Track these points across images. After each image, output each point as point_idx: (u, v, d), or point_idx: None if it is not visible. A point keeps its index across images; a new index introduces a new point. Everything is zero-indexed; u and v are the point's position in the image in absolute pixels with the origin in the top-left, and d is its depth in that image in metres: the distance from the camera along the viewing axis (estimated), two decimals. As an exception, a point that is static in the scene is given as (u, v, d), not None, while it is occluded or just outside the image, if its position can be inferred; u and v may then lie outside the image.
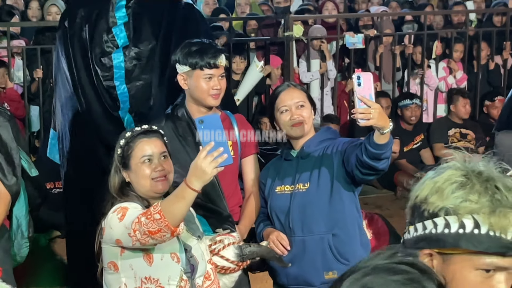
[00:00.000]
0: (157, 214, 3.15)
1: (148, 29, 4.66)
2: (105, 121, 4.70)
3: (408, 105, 7.90)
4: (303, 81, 7.98)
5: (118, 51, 4.64)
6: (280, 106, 3.91)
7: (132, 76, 4.63)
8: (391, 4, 9.41)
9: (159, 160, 3.49)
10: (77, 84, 4.72)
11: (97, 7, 4.72)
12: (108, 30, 4.65)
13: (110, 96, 4.66)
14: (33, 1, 8.49)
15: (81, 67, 4.69)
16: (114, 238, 3.34)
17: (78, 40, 4.70)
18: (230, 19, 8.27)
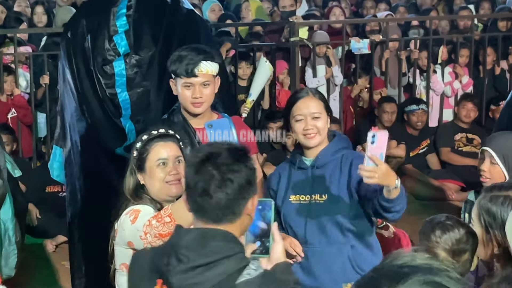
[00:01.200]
0: (167, 217, 3.18)
1: (148, 36, 4.70)
2: (107, 128, 4.75)
3: (414, 111, 7.90)
4: (310, 87, 7.98)
5: (120, 59, 4.69)
6: (296, 113, 3.84)
7: (134, 83, 4.68)
8: (398, 9, 9.41)
9: (174, 164, 3.52)
10: (80, 92, 4.76)
11: (99, 17, 4.77)
12: (110, 39, 4.70)
13: (113, 103, 4.70)
14: (38, 6, 8.51)
15: (84, 76, 4.75)
16: (126, 240, 3.37)
17: (80, 49, 4.76)
18: (235, 25, 8.28)
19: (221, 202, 2.41)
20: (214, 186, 2.40)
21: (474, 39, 8.58)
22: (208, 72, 4.08)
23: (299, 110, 3.84)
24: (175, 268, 2.38)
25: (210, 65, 4.09)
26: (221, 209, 2.42)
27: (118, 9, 4.72)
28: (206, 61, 4.07)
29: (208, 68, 4.08)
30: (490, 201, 2.94)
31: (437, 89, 8.46)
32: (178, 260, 2.38)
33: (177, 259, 2.39)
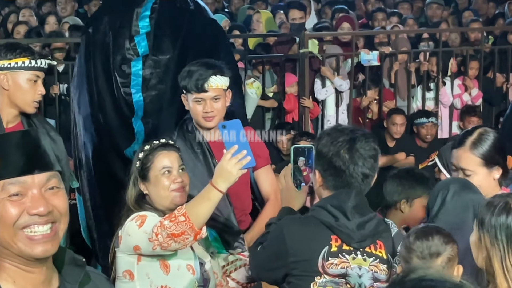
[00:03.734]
0: (181, 216, 3.20)
1: (168, 40, 4.74)
2: (118, 127, 4.79)
3: (424, 123, 7.88)
4: (319, 98, 7.98)
5: (138, 59, 4.73)
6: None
7: (149, 85, 4.72)
8: (408, 21, 9.41)
9: (178, 172, 3.56)
10: (95, 89, 4.79)
11: (122, 16, 4.81)
12: (131, 38, 4.75)
13: (126, 103, 4.75)
14: (50, 16, 8.55)
15: (101, 72, 4.79)
16: (132, 245, 3.37)
17: (101, 45, 4.80)
18: (245, 36, 8.30)
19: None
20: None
21: (484, 51, 8.58)
22: (218, 87, 4.11)
23: None
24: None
25: (220, 79, 4.11)
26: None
27: (142, 10, 4.77)
28: (216, 76, 4.10)
29: (218, 82, 4.10)
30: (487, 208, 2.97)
31: (444, 102, 8.45)
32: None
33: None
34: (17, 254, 2.03)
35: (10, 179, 2.01)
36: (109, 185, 4.76)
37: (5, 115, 4.16)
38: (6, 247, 2.02)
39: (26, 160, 2.03)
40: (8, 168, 2.02)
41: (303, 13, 8.55)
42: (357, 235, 2.99)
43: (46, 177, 2.05)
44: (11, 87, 4.12)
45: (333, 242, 2.99)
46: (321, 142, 3.08)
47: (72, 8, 9.37)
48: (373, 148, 3.07)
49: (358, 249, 3.01)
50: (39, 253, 2.03)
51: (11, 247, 2.02)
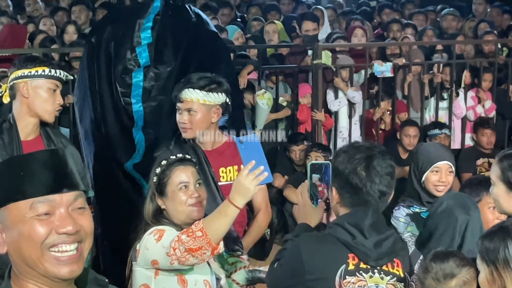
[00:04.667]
0: (199, 231, 3.21)
1: (169, 52, 4.79)
2: (119, 138, 4.80)
3: (437, 135, 7.87)
4: (332, 109, 7.98)
5: (139, 70, 4.77)
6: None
7: (149, 96, 4.77)
8: (426, 32, 9.40)
9: (195, 187, 3.58)
10: (98, 98, 4.82)
11: (124, 25, 4.86)
12: (132, 49, 4.79)
13: (126, 113, 4.79)
14: (69, 25, 8.58)
15: (103, 81, 4.84)
16: (150, 259, 3.38)
17: (104, 55, 4.84)
18: (258, 47, 8.31)
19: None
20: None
21: (498, 63, 8.56)
22: (192, 100, 4.19)
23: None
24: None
25: (197, 93, 4.19)
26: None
27: (145, 21, 4.81)
28: (192, 89, 4.19)
29: (193, 96, 4.19)
30: (488, 240, 2.96)
31: (458, 113, 8.44)
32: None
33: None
34: (42, 274, 2.03)
35: (39, 197, 2.01)
36: (108, 195, 4.80)
37: (25, 125, 4.18)
38: (32, 267, 2.02)
39: (55, 178, 2.04)
40: (37, 186, 2.02)
41: (316, 24, 8.57)
42: (374, 254, 2.99)
43: (73, 196, 2.06)
44: (30, 95, 4.15)
45: (350, 261, 2.99)
46: (337, 160, 3.09)
47: (86, 16, 9.41)
48: (390, 165, 3.07)
49: (375, 267, 3.01)
50: (65, 274, 2.03)
51: (37, 267, 2.02)
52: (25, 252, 2.01)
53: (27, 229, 2.01)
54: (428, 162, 4.34)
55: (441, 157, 4.35)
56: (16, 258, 2.03)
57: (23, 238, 2.01)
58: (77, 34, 8.48)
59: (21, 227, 2.01)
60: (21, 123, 4.18)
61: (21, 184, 2.02)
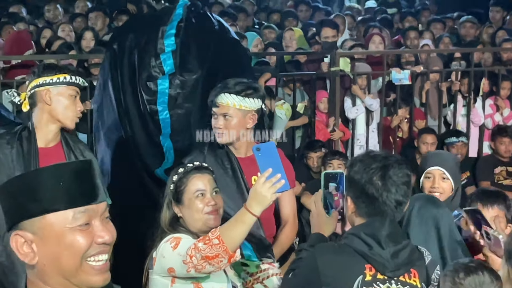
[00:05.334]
0: (216, 239, 3.21)
1: (194, 60, 4.77)
2: (145, 145, 4.81)
3: (454, 143, 7.83)
4: (350, 117, 7.97)
5: (164, 77, 4.75)
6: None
7: (176, 103, 4.74)
8: (443, 39, 9.37)
9: (212, 195, 3.59)
10: (123, 105, 4.80)
11: (147, 33, 4.84)
12: (156, 56, 4.77)
13: (153, 120, 4.76)
14: (87, 31, 8.61)
15: (128, 89, 4.82)
16: (166, 267, 3.38)
17: (127, 62, 4.82)
18: (277, 54, 8.30)
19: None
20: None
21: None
22: (228, 105, 4.17)
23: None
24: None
25: (233, 98, 4.18)
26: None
27: (168, 28, 4.80)
28: (228, 94, 4.18)
29: (229, 100, 4.18)
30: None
31: (476, 121, 8.40)
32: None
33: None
34: (75, 284, 2.03)
35: (80, 207, 2.02)
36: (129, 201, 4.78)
37: (46, 133, 4.20)
38: (67, 277, 2.03)
39: (91, 188, 2.05)
40: (76, 196, 2.02)
41: (335, 31, 8.55)
42: (391, 264, 2.98)
43: (105, 206, 2.08)
44: (53, 102, 4.17)
45: (367, 271, 2.99)
46: (353, 169, 3.07)
47: (103, 23, 9.44)
48: (406, 175, 3.06)
49: (392, 278, 3.00)
50: (100, 283, 2.05)
51: (73, 278, 2.03)
52: (65, 262, 2.01)
53: (69, 240, 2.01)
54: (422, 168, 4.37)
55: (433, 163, 4.35)
56: (51, 269, 2.02)
57: (64, 248, 2.01)
58: (94, 40, 8.50)
59: (61, 237, 2.00)
60: (42, 131, 4.20)
61: (61, 194, 2.01)
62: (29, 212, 2.00)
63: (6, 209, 2.03)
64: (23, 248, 2.01)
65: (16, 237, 2.01)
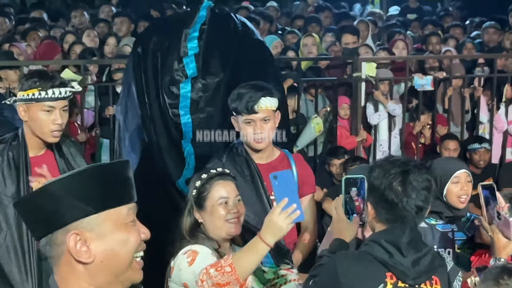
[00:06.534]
0: (228, 266, 3.20)
1: (217, 63, 4.74)
2: (169, 150, 4.78)
3: (477, 149, 7.78)
4: (372, 123, 7.96)
5: (187, 81, 4.73)
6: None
7: (198, 107, 4.72)
8: (466, 45, 9.33)
9: (234, 203, 3.59)
10: (147, 109, 4.80)
11: (171, 35, 4.81)
12: (179, 59, 4.75)
13: (175, 124, 4.74)
14: (110, 37, 8.66)
15: (151, 92, 4.80)
16: (182, 280, 3.40)
17: (151, 65, 4.81)
18: (299, 59, 8.31)
19: None
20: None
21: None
22: (267, 108, 4.18)
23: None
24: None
25: (270, 100, 4.18)
26: None
27: (191, 31, 4.77)
28: (266, 97, 4.16)
29: (268, 103, 4.17)
30: None
31: (499, 127, 8.36)
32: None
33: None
34: (120, 281, 2.07)
35: (129, 204, 2.07)
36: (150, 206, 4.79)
37: (32, 144, 4.17)
38: (118, 274, 2.06)
39: (131, 187, 2.10)
40: (126, 194, 2.08)
41: (356, 37, 8.55)
42: (412, 272, 2.96)
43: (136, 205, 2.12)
44: (28, 118, 4.11)
45: (388, 280, 2.97)
46: (373, 175, 3.06)
47: (127, 28, 9.49)
48: (426, 180, 3.04)
49: (413, 286, 2.98)
50: (140, 278, 2.10)
51: (122, 274, 2.06)
52: (121, 258, 2.05)
53: (125, 235, 2.05)
54: (447, 173, 4.31)
55: (459, 166, 4.33)
56: (106, 267, 2.04)
57: (122, 244, 2.05)
58: (117, 46, 8.54)
59: (119, 233, 2.04)
60: (29, 141, 4.17)
61: (119, 190, 2.06)
62: (85, 211, 2.02)
63: (54, 209, 2.02)
64: (81, 247, 2.03)
65: (74, 236, 2.02)
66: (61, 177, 2.06)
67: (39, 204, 2.03)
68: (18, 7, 12.75)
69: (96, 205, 2.02)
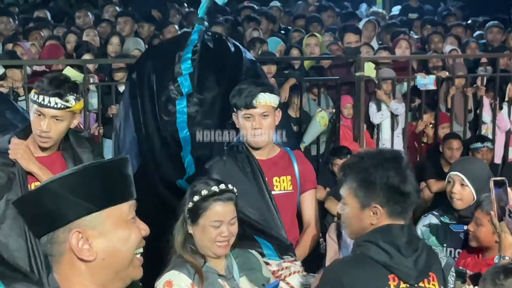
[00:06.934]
0: None
1: (212, 79, 4.85)
2: (167, 163, 4.81)
3: (479, 148, 7.77)
4: (374, 122, 7.96)
5: (182, 98, 4.82)
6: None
7: (195, 121, 4.78)
8: (469, 45, 9.33)
9: (227, 226, 3.52)
10: (143, 131, 4.84)
11: (164, 59, 4.92)
12: (174, 80, 4.85)
13: (174, 140, 4.79)
14: (114, 36, 8.66)
15: (148, 114, 4.86)
16: None
17: (146, 89, 4.89)
18: (302, 59, 8.31)
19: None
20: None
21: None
22: (266, 103, 4.25)
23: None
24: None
25: (269, 96, 4.25)
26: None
27: (184, 53, 4.87)
28: (265, 93, 4.22)
29: (267, 99, 4.24)
30: None
31: (502, 127, 8.36)
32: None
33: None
34: (121, 277, 2.07)
35: (130, 201, 2.08)
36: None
37: (37, 145, 4.16)
38: (119, 270, 2.07)
39: (131, 184, 2.11)
40: (126, 190, 2.08)
41: (358, 37, 8.56)
42: (414, 272, 2.96)
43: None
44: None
45: (391, 282, 2.96)
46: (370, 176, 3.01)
47: (131, 28, 9.49)
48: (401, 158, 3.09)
49: (413, 285, 2.98)
50: (140, 274, 2.11)
51: (123, 271, 2.07)
52: (123, 255, 2.06)
53: (127, 232, 2.06)
54: (448, 172, 4.39)
55: (455, 168, 4.37)
56: (108, 264, 2.05)
57: (123, 242, 2.05)
58: (120, 45, 8.55)
59: (121, 230, 2.05)
60: (35, 142, 4.14)
61: (120, 187, 2.07)
62: (88, 208, 2.02)
63: (55, 208, 2.02)
64: (83, 244, 2.03)
65: (76, 234, 2.03)
66: (61, 175, 2.06)
67: (39, 202, 2.02)
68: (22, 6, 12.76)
69: (98, 203, 2.02)
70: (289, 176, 4.40)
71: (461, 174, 4.31)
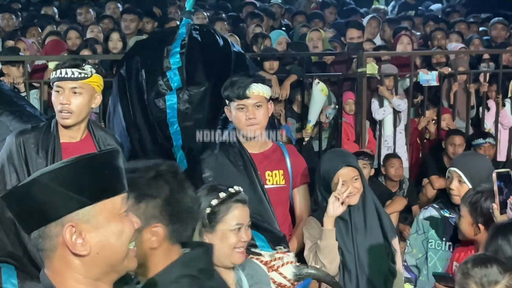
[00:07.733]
0: None
1: (201, 73, 4.85)
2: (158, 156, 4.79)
3: (481, 144, 7.75)
4: (377, 118, 7.93)
5: (172, 93, 4.81)
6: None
7: (185, 117, 4.77)
8: (473, 41, 9.30)
9: (245, 230, 3.33)
10: (133, 126, 4.83)
11: (153, 54, 4.91)
12: (163, 74, 4.84)
13: (164, 136, 4.78)
14: (114, 32, 8.65)
15: (137, 108, 4.86)
16: None
17: (135, 84, 4.88)
18: (303, 54, 8.29)
19: None
20: None
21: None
22: (259, 94, 4.25)
23: None
24: None
25: (262, 86, 4.27)
26: None
27: (172, 47, 4.87)
28: (257, 83, 4.23)
29: (260, 89, 4.26)
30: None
31: (505, 123, 8.33)
32: None
33: None
34: (115, 271, 2.06)
35: (122, 194, 2.06)
36: None
37: (65, 130, 4.16)
38: (114, 264, 2.05)
39: (123, 176, 2.09)
40: (119, 183, 2.06)
41: (361, 32, 8.53)
42: None
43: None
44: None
45: None
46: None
47: (136, 27, 9.46)
48: None
49: None
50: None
51: (118, 264, 2.06)
52: (117, 249, 2.04)
53: (121, 226, 2.04)
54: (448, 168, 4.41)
55: (454, 163, 4.35)
56: (102, 258, 2.03)
57: (117, 235, 2.03)
58: (121, 41, 8.53)
59: (115, 223, 2.03)
60: (62, 128, 4.16)
61: (112, 180, 2.04)
62: (81, 202, 1.99)
63: (47, 201, 1.98)
64: (76, 239, 2.01)
65: (70, 228, 2.00)
66: (51, 168, 2.01)
67: (30, 196, 1.98)
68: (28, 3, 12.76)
69: (91, 196, 1.99)
70: (282, 170, 4.39)
71: (459, 170, 4.27)
